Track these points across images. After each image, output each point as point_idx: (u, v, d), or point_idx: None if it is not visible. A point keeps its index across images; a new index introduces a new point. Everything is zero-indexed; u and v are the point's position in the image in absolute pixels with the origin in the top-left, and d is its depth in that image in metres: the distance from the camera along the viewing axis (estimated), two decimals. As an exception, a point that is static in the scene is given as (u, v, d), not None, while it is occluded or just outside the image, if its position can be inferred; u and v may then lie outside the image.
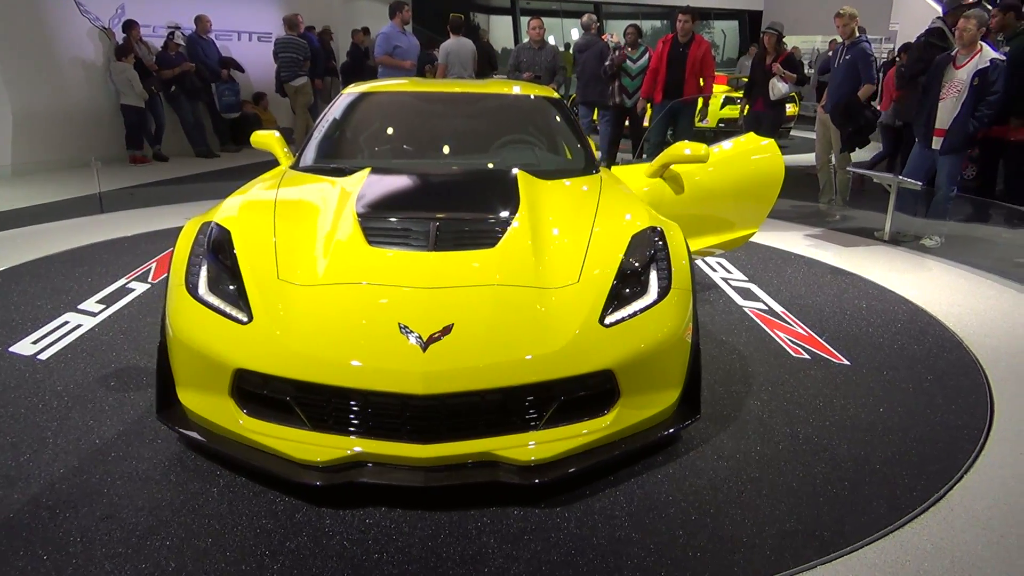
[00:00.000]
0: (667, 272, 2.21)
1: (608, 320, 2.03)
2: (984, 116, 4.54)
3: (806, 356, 3.03)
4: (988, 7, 5.58)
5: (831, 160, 5.94)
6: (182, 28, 8.47)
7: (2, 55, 6.84)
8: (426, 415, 1.85)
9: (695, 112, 6.65)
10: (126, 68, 7.53)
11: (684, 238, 2.45)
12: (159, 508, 1.91)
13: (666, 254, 2.27)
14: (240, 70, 8.98)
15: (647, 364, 2.04)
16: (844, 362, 2.98)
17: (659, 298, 2.13)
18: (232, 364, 1.93)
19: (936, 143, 4.77)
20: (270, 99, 9.29)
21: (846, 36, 5.49)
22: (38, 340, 2.99)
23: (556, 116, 3.48)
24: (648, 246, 2.28)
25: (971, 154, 5.70)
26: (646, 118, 7.00)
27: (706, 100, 7.33)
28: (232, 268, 2.15)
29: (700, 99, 6.63)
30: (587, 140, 3.36)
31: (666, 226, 2.42)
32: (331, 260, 2.14)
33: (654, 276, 2.19)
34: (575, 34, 15.62)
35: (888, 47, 13.17)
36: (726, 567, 1.75)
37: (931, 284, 4.11)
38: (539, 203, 2.52)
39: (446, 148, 3.31)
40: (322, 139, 3.22)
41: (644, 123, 7.06)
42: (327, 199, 2.52)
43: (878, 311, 3.63)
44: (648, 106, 6.77)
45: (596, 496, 2.00)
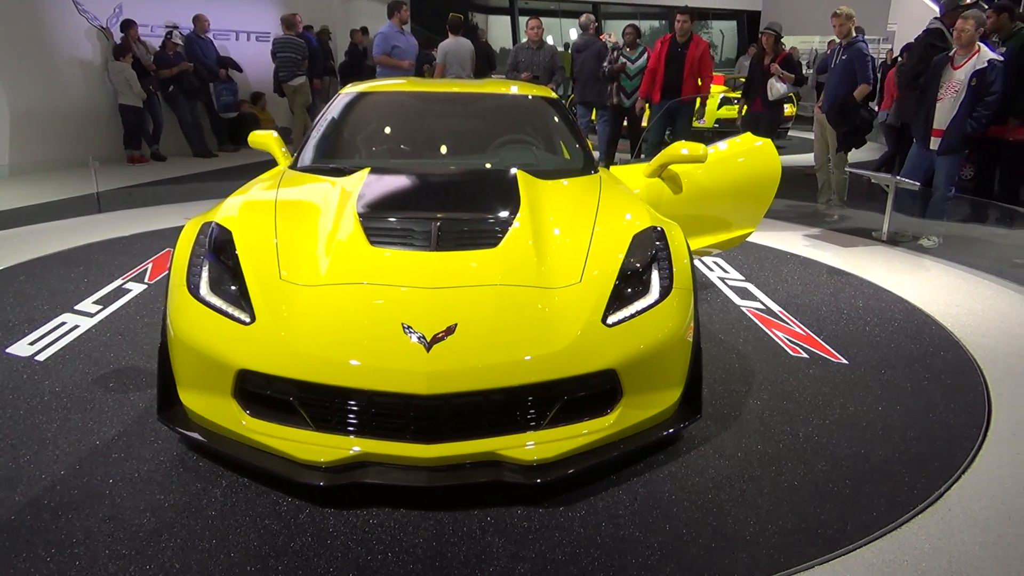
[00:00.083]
0: (669, 272, 2.22)
1: (611, 320, 2.03)
2: (982, 116, 4.55)
3: (804, 355, 3.04)
4: (984, 7, 5.59)
5: (830, 160, 5.95)
6: (180, 28, 8.44)
7: (0, 55, 6.82)
8: (430, 415, 1.85)
9: (693, 112, 6.66)
10: (124, 68, 7.51)
11: (685, 238, 2.45)
12: (162, 509, 1.90)
13: (667, 254, 2.28)
14: (238, 70, 8.96)
15: (649, 364, 2.05)
16: (842, 361, 2.99)
17: (661, 298, 2.14)
18: (235, 365, 1.93)
19: (934, 143, 4.79)
20: (268, 99, 9.26)
21: (842, 36, 5.51)
22: (35, 341, 2.98)
23: (554, 116, 3.48)
24: (649, 246, 2.29)
25: (967, 154, 5.71)
26: (644, 118, 7.01)
27: (703, 100, 7.35)
28: (234, 268, 2.14)
29: (698, 99, 6.64)
30: (585, 140, 3.36)
31: (667, 226, 2.42)
32: (333, 260, 2.14)
33: (656, 276, 2.20)
34: (573, 34, 15.63)
35: (886, 47, 13.20)
36: (730, 565, 1.75)
37: (929, 284, 4.12)
38: (539, 203, 2.52)
39: (444, 148, 3.30)
40: (320, 139, 3.22)
41: (643, 123, 7.08)
42: (327, 199, 2.52)
43: (876, 311, 3.64)
44: (647, 106, 6.78)
45: (599, 495, 2.00)
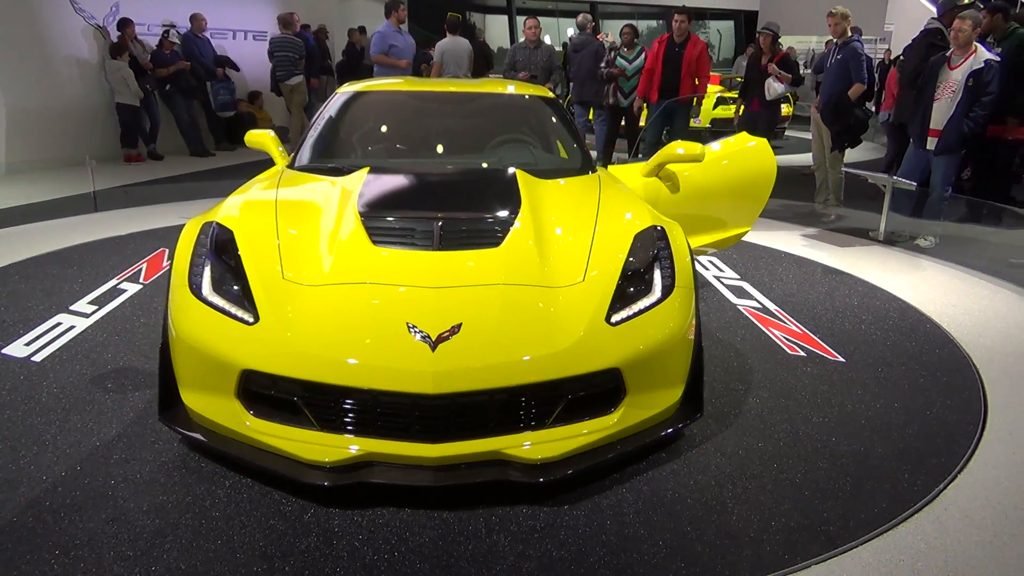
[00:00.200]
0: (671, 270, 2.23)
1: (614, 319, 2.04)
2: (978, 117, 4.57)
3: (802, 353, 3.05)
4: (980, 6, 5.62)
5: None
6: (177, 26, 8.42)
7: (-4, 53, 6.80)
8: (435, 414, 1.85)
9: (690, 111, 6.68)
10: (121, 66, 7.48)
11: (685, 236, 2.46)
12: (166, 510, 1.89)
13: (669, 253, 2.29)
14: (235, 69, 8.94)
15: (653, 362, 2.05)
16: (839, 359, 3.00)
17: (663, 296, 2.15)
18: (239, 365, 1.92)
19: (931, 144, 4.81)
20: (265, 98, 9.25)
21: (838, 35, 5.53)
22: (31, 342, 2.96)
23: (552, 116, 3.48)
24: (651, 245, 2.29)
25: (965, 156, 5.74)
26: (642, 118, 7.02)
27: (699, 100, 7.37)
28: (236, 268, 2.13)
29: (694, 98, 6.66)
30: (583, 139, 3.37)
31: (667, 225, 2.43)
32: (336, 260, 2.14)
33: (658, 275, 2.21)
34: (571, 33, 15.63)
35: (883, 47, 13.25)
36: (735, 562, 1.76)
37: (925, 284, 4.14)
38: (540, 202, 2.53)
39: (441, 147, 3.30)
40: (318, 138, 3.21)
41: (641, 123, 7.09)
42: (328, 199, 2.51)
43: (871, 309, 3.66)
44: (644, 105, 6.79)
45: (603, 494, 2.01)
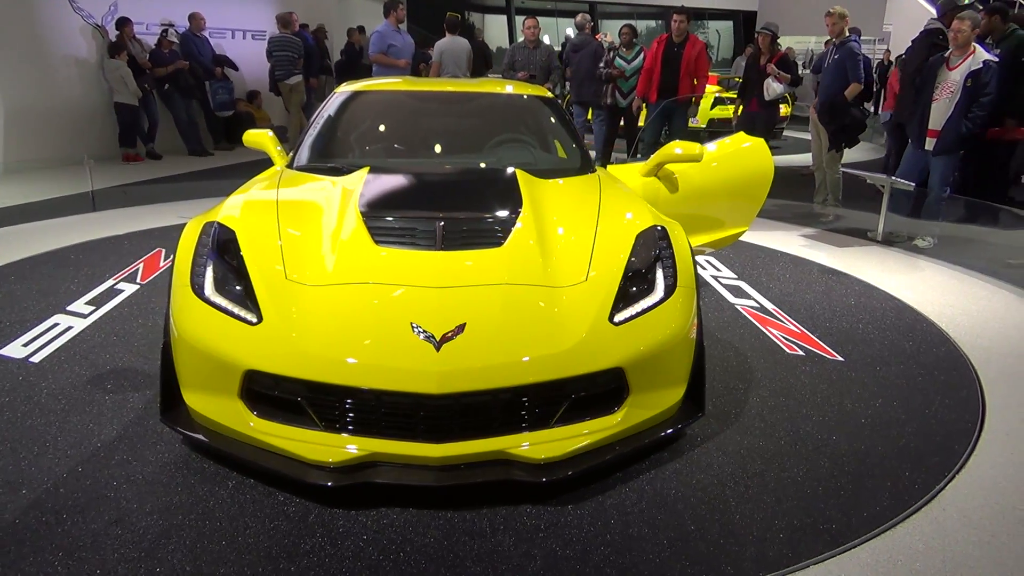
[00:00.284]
0: (673, 270, 2.23)
1: (617, 319, 2.04)
2: (977, 117, 4.58)
3: (800, 352, 3.06)
4: (979, 7, 5.64)
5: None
6: (176, 26, 8.40)
7: (-6, 52, 6.78)
8: (440, 414, 1.85)
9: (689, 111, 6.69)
10: (119, 66, 7.46)
11: (686, 236, 2.47)
12: (169, 511, 1.89)
13: (671, 252, 2.29)
14: (234, 68, 8.92)
15: (656, 362, 2.06)
16: (838, 358, 3.01)
17: (666, 296, 2.15)
18: (243, 365, 1.92)
19: (929, 144, 4.83)
20: (264, 97, 9.23)
21: (835, 35, 5.55)
22: (29, 343, 2.94)
23: (551, 116, 3.48)
24: (653, 245, 2.30)
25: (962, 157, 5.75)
26: (641, 117, 7.03)
27: (697, 100, 7.38)
28: (239, 269, 2.13)
29: (692, 98, 6.66)
30: (582, 139, 3.37)
31: (668, 224, 2.44)
32: (339, 260, 2.14)
33: (660, 274, 2.21)
34: (570, 33, 15.63)
35: (882, 48, 13.28)
36: (739, 561, 1.77)
37: (923, 284, 4.15)
38: (541, 202, 2.53)
39: (440, 147, 3.30)
40: (317, 138, 3.20)
41: (639, 122, 7.10)
42: (329, 199, 2.51)
43: (869, 309, 3.67)
44: (643, 105, 6.80)
45: (607, 493, 2.01)
